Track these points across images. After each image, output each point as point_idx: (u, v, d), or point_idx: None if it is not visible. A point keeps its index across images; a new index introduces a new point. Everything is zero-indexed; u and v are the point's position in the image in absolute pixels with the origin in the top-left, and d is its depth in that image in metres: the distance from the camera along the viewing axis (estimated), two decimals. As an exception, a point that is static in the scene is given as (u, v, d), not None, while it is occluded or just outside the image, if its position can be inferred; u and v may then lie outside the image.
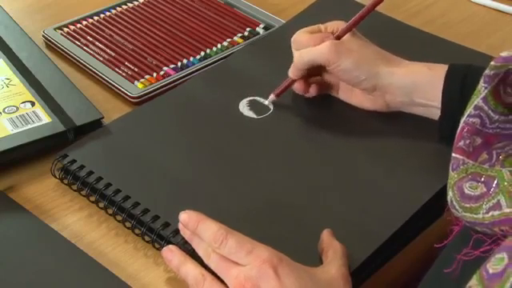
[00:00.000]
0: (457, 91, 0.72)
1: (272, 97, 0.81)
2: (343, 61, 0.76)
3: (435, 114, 0.74)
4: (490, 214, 0.50)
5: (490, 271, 0.46)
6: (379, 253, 0.65)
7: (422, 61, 0.77)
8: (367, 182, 0.71)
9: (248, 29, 0.97)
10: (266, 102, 0.81)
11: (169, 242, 0.65)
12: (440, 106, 0.73)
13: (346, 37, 0.78)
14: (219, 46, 0.93)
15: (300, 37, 0.79)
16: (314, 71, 0.80)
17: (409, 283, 0.69)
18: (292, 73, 0.80)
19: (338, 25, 0.79)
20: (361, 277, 0.64)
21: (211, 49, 0.92)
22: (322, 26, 0.80)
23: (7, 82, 0.84)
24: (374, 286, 0.67)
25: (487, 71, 0.55)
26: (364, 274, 0.65)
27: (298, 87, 0.80)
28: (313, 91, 0.80)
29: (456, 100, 0.71)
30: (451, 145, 0.73)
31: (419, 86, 0.75)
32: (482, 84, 0.55)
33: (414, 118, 0.77)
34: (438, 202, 0.69)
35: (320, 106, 0.81)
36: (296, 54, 0.79)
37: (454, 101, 0.72)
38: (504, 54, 0.53)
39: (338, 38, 0.77)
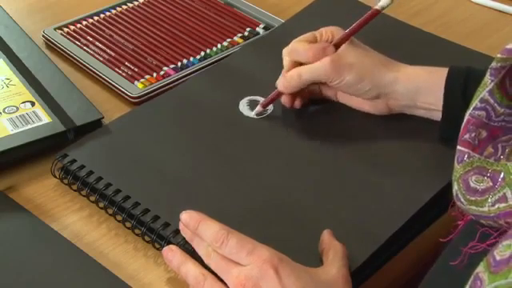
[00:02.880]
0: (458, 93, 0.72)
1: (259, 108, 0.80)
2: (345, 76, 0.75)
3: (437, 116, 0.74)
4: (496, 206, 0.51)
5: (497, 258, 0.46)
6: (379, 253, 0.65)
7: (422, 61, 0.77)
8: (367, 183, 0.71)
9: (248, 29, 0.97)
10: (252, 114, 0.79)
11: (169, 242, 0.65)
12: (441, 108, 0.73)
13: (344, 47, 0.76)
14: (219, 45, 0.93)
15: (298, 46, 0.77)
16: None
17: (409, 283, 0.69)
18: (285, 88, 0.77)
19: (332, 31, 0.78)
20: (361, 277, 0.64)
21: (211, 49, 0.92)
22: (317, 34, 0.78)
23: (7, 82, 0.84)
24: (374, 286, 0.67)
25: (493, 64, 0.55)
26: (364, 275, 0.65)
27: (285, 100, 0.79)
28: (298, 104, 0.79)
29: (457, 102, 0.71)
30: (452, 146, 0.73)
31: (422, 90, 0.74)
32: (488, 77, 0.55)
33: (414, 118, 0.77)
34: (438, 203, 0.70)
35: (320, 106, 0.81)
36: (294, 72, 0.76)
37: (455, 103, 0.72)
38: (509, 46, 0.53)
39: (336, 46, 0.76)
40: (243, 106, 0.81)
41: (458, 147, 0.56)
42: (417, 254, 0.70)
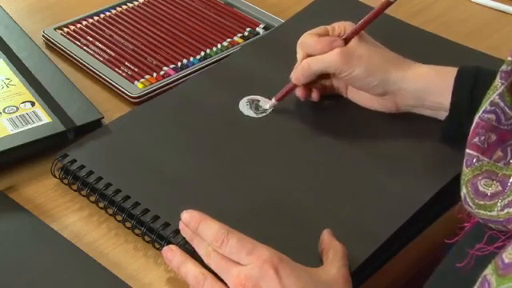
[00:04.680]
0: (466, 94, 0.71)
1: (273, 101, 0.80)
2: (354, 69, 0.75)
3: (443, 115, 0.74)
4: (506, 211, 0.50)
5: (506, 260, 0.46)
6: (379, 253, 0.65)
7: (422, 60, 0.77)
8: (368, 182, 0.71)
9: (248, 29, 0.97)
10: (267, 106, 0.80)
11: (169, 242, 0.65)
12: (449, 108, 0.73)
13: (354, 41, 0.76)
14: (219, 45, 0.93)
15: (307, 39, 0.78)
16: (321, 75, 0.79)
17: (409, 283, 0.69)
18: (297, 79, 0.78)
19: (344, 26, 0.78)
20: (361, 277, 0.64)
21: (211, 49, 0.92)
22: (328, 28, 0.79)
23: (7, 82, 0.84)
24: (374, 286, 0.66)
25: (504, 67, 0.54)
26: (364, 275, 0.65)
27: (299, 93, 0.79)
28: (315, 96, 0.80)
29: (465, 102, 0.71)
30: (452, 145, 0.73)
31: (430, 89, 0.74)
32: (498, 80, 0.55)
33: (416, 117, 0.77)
34: (438, 202, 0.70)
35: (321, 105, 0.81)
36: (304, 62, 0.77)
37: (462, 103, 0.71)
38: None
39: (346, 40, 0.76)
40: (243, 106, 0.81)
41: (467, 150, 0.55)
42: (417, 254, 0.70)
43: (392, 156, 0.74)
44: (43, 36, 0.95)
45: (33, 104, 0.81)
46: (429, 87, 0.74)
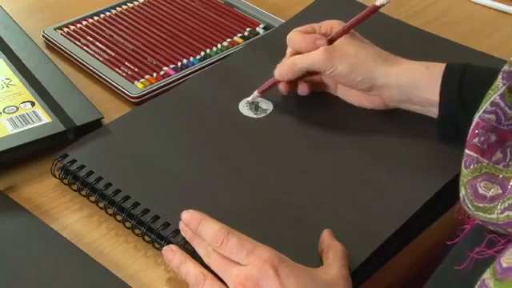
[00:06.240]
0: (454, 90, 0.72)
1: (256, 94, 0.81)
2: (338, 66, 0.76)
3: (433, 112, 0.75)
4: (505, 214, 0.50)
5: (504, 265, 0.46)
6: (379, 253, 0.65)
7: (422, 60, 0.77)
8: (367, 182, 0.71)
9: (248, 29, 0.97)
10: (250, 99, 0.81)
11: (169, 242, 0.65)
12: (437, 104, 0.73)
13: (343, 39, 0.77)
14: (219, 45, 0.93)
15: (294, 36, 0.79)
16: (310, 72, 0.79)
17: (409, 283, 0.69)
18: (281, 75, 0.79)
19: (332, 25, 0.79)
20: (361, 277, 0.64)
21: (211, 49, 0.92)
22: (316, 26, 0.80)
23: (7, 82, 0.84)
24: (374, 286, 0.66)
25: (506, 67, 0.54)
26: (364, 274, 0.65)
27: (282, 87, 0.80)
28: (305, 90, 0.80)
29: (453, 99, 0.71)
30: (451, 143, 0.73)
31: (416, 84, 0.75)
32: (500, 80, 0.55)
33: (414, 116, 0.77)
34: (438, 202, 0.70)
35: (320, 105, 0.81)
36: (290, 60, 0.79)
37: (451, 100, 0.72)
38: None
39: (331, 40, 0.77)
40: (243, 106, 0.81)
41: (466, 151, 0.55)
42: (417, 253, 0.70)
43: (392, 156, 0.74)
44: (43, 36, 0.95)
45: (33, 104, 0.81)
46: (415, 82, 0.75)
